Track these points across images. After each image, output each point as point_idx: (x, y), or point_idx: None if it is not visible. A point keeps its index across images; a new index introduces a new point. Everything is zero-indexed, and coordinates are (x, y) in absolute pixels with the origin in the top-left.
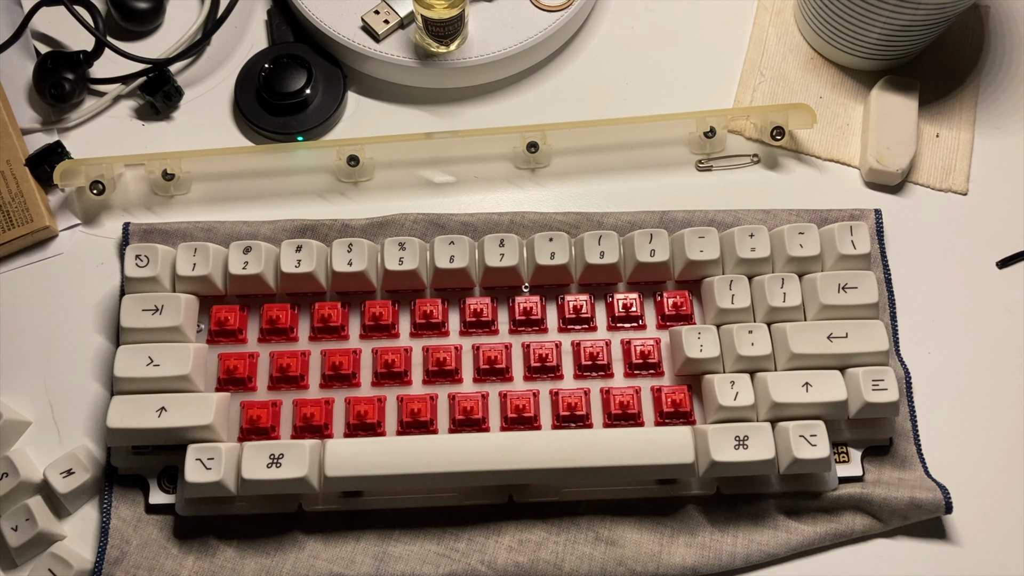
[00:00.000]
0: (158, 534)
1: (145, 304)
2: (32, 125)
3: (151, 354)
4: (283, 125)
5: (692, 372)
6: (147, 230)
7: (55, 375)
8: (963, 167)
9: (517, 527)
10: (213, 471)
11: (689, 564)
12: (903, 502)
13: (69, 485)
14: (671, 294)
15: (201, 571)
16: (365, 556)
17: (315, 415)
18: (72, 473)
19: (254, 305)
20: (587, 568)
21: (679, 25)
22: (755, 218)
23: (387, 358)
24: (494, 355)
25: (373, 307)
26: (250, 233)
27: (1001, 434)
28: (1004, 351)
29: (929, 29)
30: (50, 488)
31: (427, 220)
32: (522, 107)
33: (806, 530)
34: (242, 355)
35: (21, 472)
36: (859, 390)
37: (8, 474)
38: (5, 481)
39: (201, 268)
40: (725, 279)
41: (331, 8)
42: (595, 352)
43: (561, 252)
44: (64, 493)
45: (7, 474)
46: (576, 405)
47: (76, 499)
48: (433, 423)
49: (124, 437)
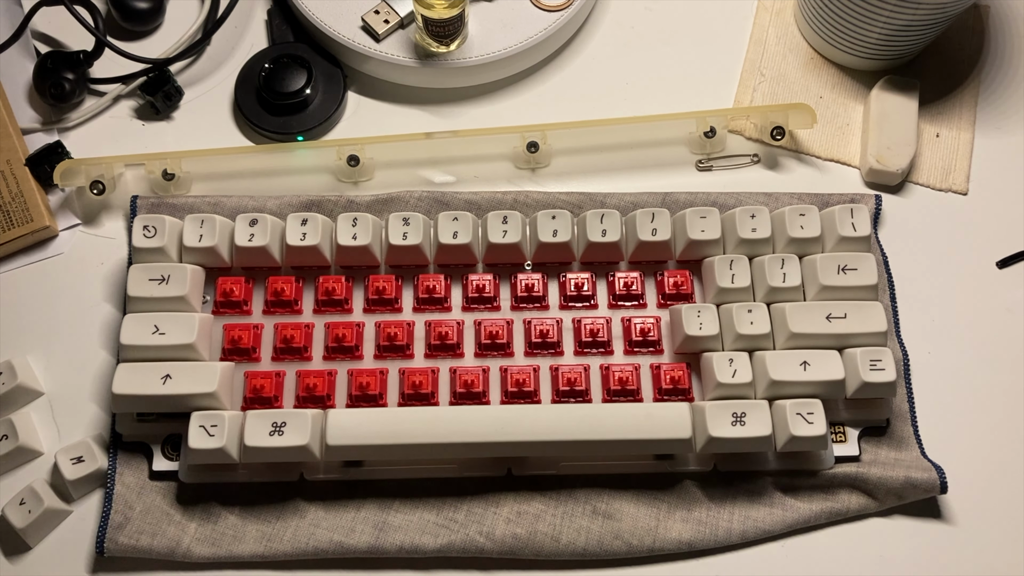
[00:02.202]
0: (161, 500)
1: (152, 274)
2: (32, 125)
3: (157, 323)
4: (283, 125)
5: (691, 350)
6: (155, 203)
7: (55, 374)
8: (963, 167)
9: (515, 499)
10: (216, 438)
11: (685, 539)
12: (899, 481)
13: (77, 472)
14: (672, 273)
15: (203, 537)
16: (365, 525)
17: (318, 386)
18: (82, 461)
19: (259, 277)
20: (584, 541)
21: (679, 25)
22: (757, 200)
23: (390, 331)
24: (495, 330)
25: (377, 281)
26: (256, 207)
27: (997, 420)
28: (1004, 351)
29: (929, 29)
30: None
31: (431, 198)
32: (522, 107)
33: (802, 507)
34: (247, 326)
35: (20, 437)
36: (857, 370)
37: (8, 436)
38: (3, 443)
39: (208, 240)
40: (726, 259)
41: (331, 8)
42: (595, 329)
43: (564, 230)
44: (72, 480)
45: (7, 436)
46: (576, 380)
47: (82, 486)
48: (434, 396)
49: (129, 403)
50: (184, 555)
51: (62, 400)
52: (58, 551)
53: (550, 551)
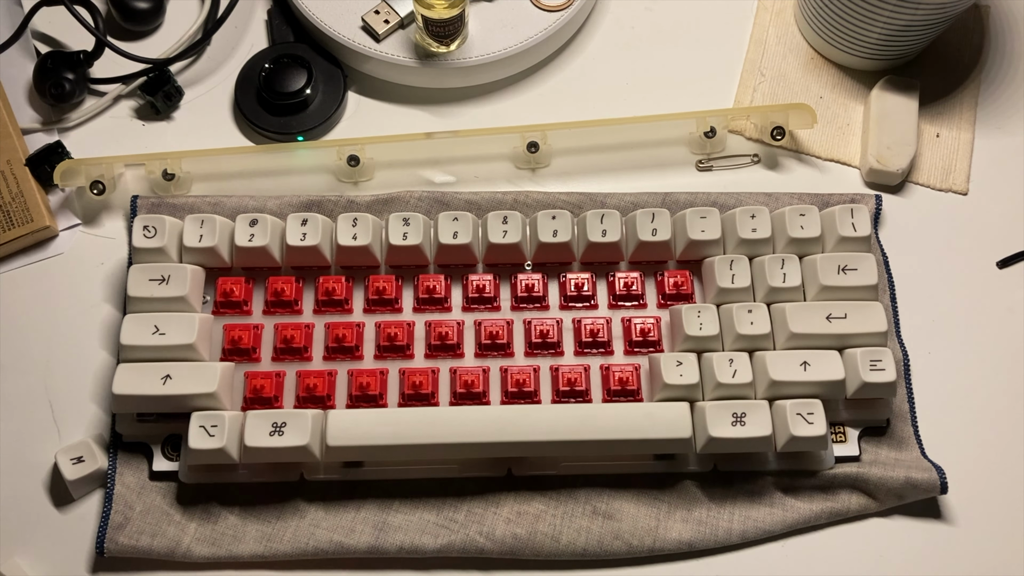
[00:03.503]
0: (161, 500)
1: (152, 274)
2: (32, 125)
3: (157, 323)
4: (283, 125)
5: (691, 350)
6: (155, 203)
7: (55, 374)
8: (963, 167)
9: (516, 499)
10: (216, 438)
11: (685, 539)
12: (899, 481)
13: (77, 472)
14: (672, 273)
15: (203, 537)
16: (365, 525)
17: (318, 386)
18: (82, 461)
19: (259, 278)
20: (584, 541)
21: (679, 25)
22: (757, 200)
23: (390, 331)
24: (496, 331)
25: (377, 281)
26: (256, 207)
27: (997, 420)
28: (1004, 351)
29: (929, 29)
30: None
31: (432, 198)
32: (522, 107)
33: (802, 508)
34: (247, 326)
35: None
36: (857, 370)
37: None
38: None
39: (208, 240)
40: (726, 259)
41: (331, 8)
42: (595, 329)
43: (564, 230)
44: (72, 480)
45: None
46: (576, 381)
47: (82, 487)
48: (434, 396)
49: (129, 403)
50: (184, 555)
51: (62, 400)
52: (58, 551)
53: (550, 551)
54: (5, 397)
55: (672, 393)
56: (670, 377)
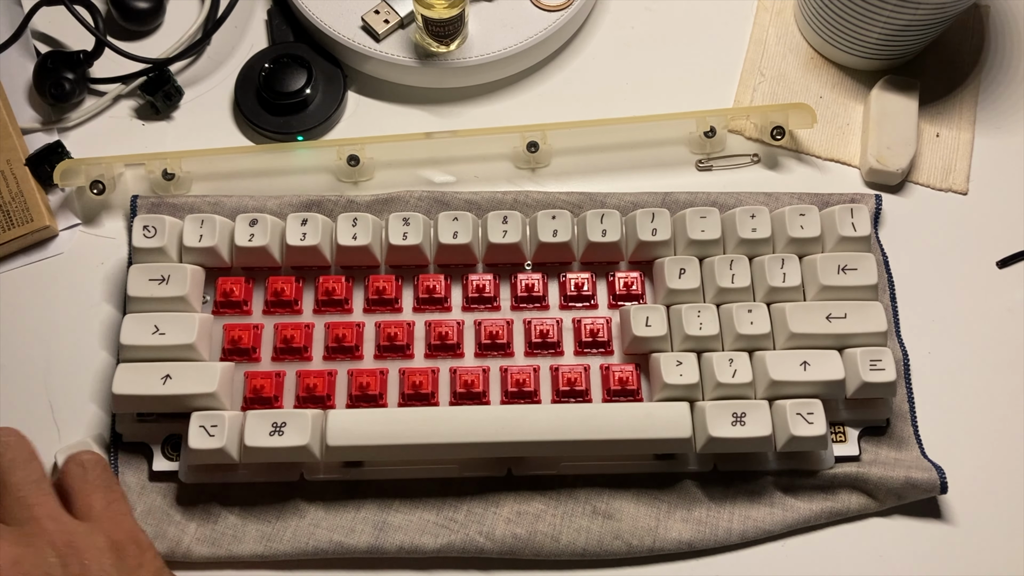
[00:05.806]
0: (161, 501)
1: (152, 274)
2: (32, 125)
3: (157, 323)
4: (283, 125)
5: (691, 350)
6: (155, 203)
7: (55, 374)
8: (963, 167)
9: (515, 499)
10: (216, 438)
11: (685, 539)
12: (899, 481)
13: None
14: None
15: (203, 537)
16: (365, 525)
17: (318, 386)
18: None
19: (259, 277)
20: (584, 541)
21: (679, 25)
22: (757, 200)
23: (390, 331)
24: (496, 331)
25: (377, 281)
26: (256, 207)
27: (997, 420)
28: (1004, 351)
29: (929, 29)
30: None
31: (431, 198)
32: (522, 107)
33: (802, 507)
34: (247, 326)
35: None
36: (857, 370)
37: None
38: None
39: (208, 240)
40: (726, 259)
41: (331, 8)
42: (596, 329)
43: (564, 230)
44: None
45: None
46: (576, 380)
47: None
48: (434, 396)
49: (129, 403)
50: (184, 555)
51: (62, 400)
52: None
53: (550, 551)
54: (5, 397)
55: (672, 393)
56: (670, 377)
